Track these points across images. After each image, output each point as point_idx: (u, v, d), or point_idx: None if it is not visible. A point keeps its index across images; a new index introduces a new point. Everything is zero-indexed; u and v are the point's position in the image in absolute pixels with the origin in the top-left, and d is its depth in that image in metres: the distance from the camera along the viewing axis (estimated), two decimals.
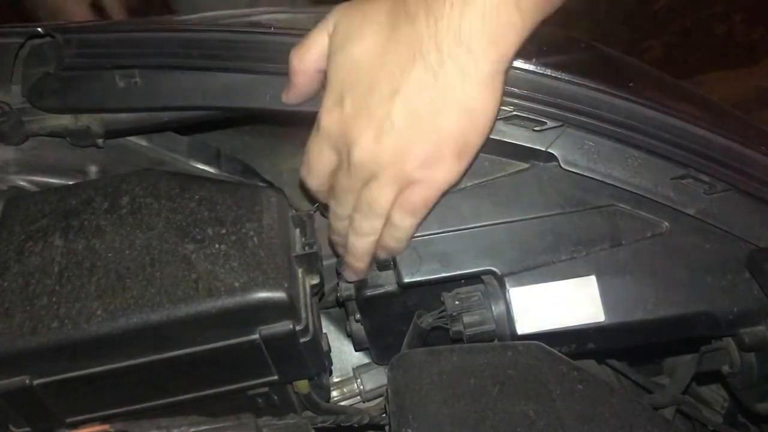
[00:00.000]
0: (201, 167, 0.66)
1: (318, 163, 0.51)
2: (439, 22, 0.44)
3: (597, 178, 0.53)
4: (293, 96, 0.53)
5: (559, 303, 0.52)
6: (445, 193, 0.49)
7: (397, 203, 0.49)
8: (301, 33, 0.53)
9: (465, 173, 0.49)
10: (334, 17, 0.49)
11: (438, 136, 0.46)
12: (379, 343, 0.61)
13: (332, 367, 0.63)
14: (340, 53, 0.48)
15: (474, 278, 0.54)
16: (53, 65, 0.57)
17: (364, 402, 0.66)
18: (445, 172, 0.47)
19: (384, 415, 0.54)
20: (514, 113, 0.53)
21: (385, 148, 0.46)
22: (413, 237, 0.53)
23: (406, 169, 0.47)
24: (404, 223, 0.50)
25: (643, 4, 2.32)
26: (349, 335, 0.63)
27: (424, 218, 0.51)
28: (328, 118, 0.48)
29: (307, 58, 0.51)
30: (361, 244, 0.51)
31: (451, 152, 0.47)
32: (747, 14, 2.33)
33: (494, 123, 0.48)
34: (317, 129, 0.50)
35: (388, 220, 0.50)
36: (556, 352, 0.50)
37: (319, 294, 0.54)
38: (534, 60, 0.55)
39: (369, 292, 0.56)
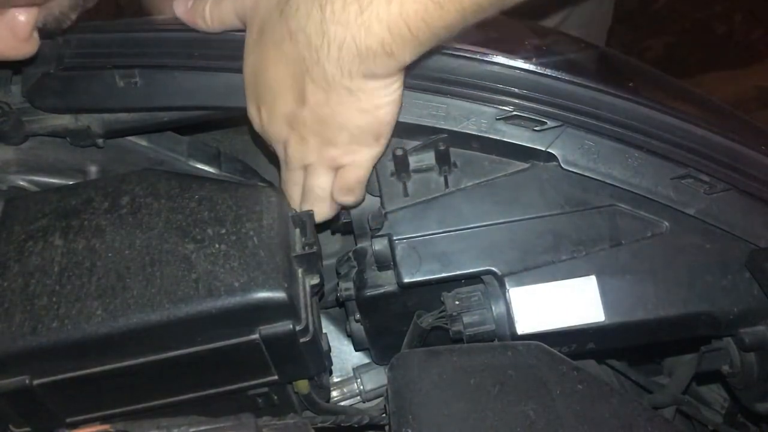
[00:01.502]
0: (201, 167, 0.66)
1: (269, 155, 0.58)
2: (319, 51, 0.47)
3: (597, 178, 0.53)
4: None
5: (559, 303, 0.52)
6: (372, 167, 0.54)
7: (336, 186, 0.55)
8: None
9: (387, 145, 0.53)
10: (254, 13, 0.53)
11: (350, 132, 0.51)
12: (379, 343, 0.61)
13: (332, 367, 0.63)
14: (249, 58, 0.53)
15: (474, 278, 0.54)
16: (53, 65, 0.57)
17: (364, 402, 0.66)
18: (366, 153, 0.53)
19: (384, 415, 0.54)
20: (514, 113, 0.54)
21: (311, 146, 0.52)
22: (414, 237, 0.53)
23: (333, 158, 0.53)
24: (347, 200, 0.56)
25: (643, 4, 2.32)
26: (349, 335, 0.63)
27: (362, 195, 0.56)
28: (255, 122, 0.55)
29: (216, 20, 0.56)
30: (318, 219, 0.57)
31: (366, 138, 0.52)
32: (747, 14, 2.33)
33: (400, 105, 0.51)
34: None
35: (332, 201, 0.56)
36: (556, 352, 0.50)
37: (319, 294, 0.54)
38: (534, 60, 0.55)
39: (369, 292, 0.56)
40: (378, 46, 0.45)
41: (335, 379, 0.67)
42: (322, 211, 0.56)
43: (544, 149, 0.53)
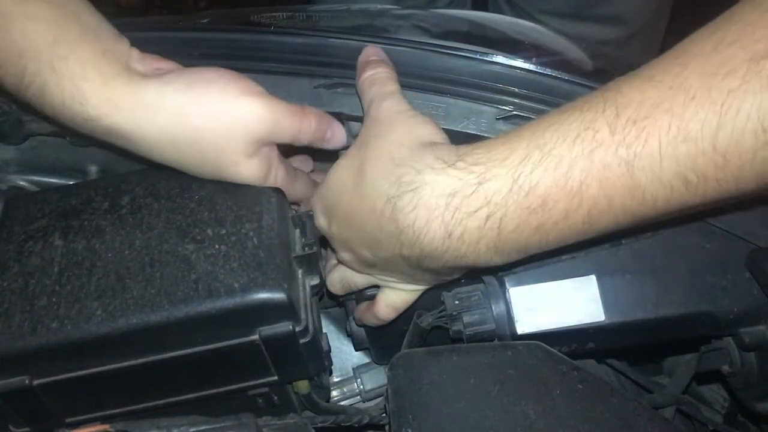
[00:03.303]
0: None
1: None
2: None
3: None
4: None
5: (559, 303, 0.52)
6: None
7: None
8: (300, 32, 0.53)
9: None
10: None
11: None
12: (379, 343, 0.61)
13: (332, 367, 0.63)
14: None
15: (474, 278, 0.54)
16: None
17: (364, 402, 0.66)
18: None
19: (384, 415, 0.54)
20: (514, 113, 0.53)
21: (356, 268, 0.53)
22: None
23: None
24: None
25: None
26: (349, 335, 0.63)
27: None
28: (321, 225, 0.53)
29: None
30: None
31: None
32: None
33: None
34: None
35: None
36: (556, 352, 0.50)
37: (319, 294, 0.54)
38: (534, 60, 0.55)
39: (369, 293, 0.56)
40: (500, 261, 0.44)
41: (335, 379, 0.67)
42: (340, 293, 0.57)
43: None
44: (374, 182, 0.45)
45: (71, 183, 0.59)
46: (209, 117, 0.47)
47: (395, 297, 0.53)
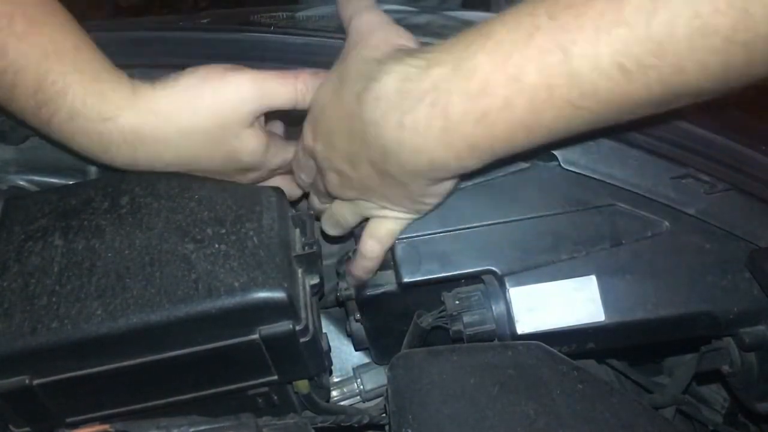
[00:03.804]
0: None
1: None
2: (387, 155, 0.45)
3: (597, 177, 0.53)
4: None
5: (559, 303, 0.52)
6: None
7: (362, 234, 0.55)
8: (300, 32, 0.53)
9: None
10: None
11: (390, 202, 0.51)
12: (379, 343, 0.61)
13: (332, 367, 0.63)
14: (322, 95, 0.51)
15: (474, 278, 0.54)
16: None
17: (364, 402, 0.66)
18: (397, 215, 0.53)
19: (384, 415, 0.54)
20: None
21: (347, 194, 0.52)
22: (414, 237, 0.53)
23: (365, 209, 0.53)
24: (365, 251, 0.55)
25: None
26: (349, 335, 0.63)
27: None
28: (307, 140, 0.53)
29: None
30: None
31: (403, 209, 0.52)
32: None
33: (446, 197, 0.51)
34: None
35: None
36: (556, 352, 0.50)
37: (319, 294, 0.54)
38: None
39: (369, 292, 0.56)
40: (454, 160, 0.44)
41: (335, 379, 0.67)
42: (333, 233, 0.57)
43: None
44: (349, 85, 0.46)
45: (71, 183, 0.59)
46: (203, 97, 0.49)
47: (378, 227, 0.53)
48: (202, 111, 0.49)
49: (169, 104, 0.49)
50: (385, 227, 0.53)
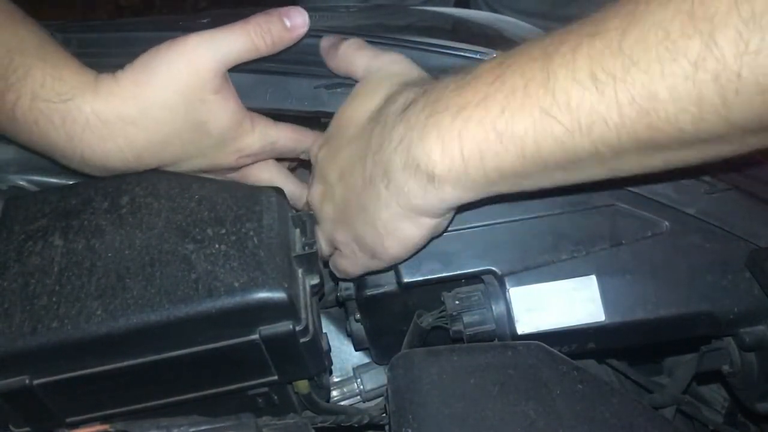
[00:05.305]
0: None
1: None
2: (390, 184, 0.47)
3: None
4: None
5: (559, 303, 0.52)
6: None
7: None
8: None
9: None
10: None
11: (359, 240, 0.52)
12: (379, 343, 0.61)
13: (332, 367, 0.63)
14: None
15: (474, 278, 0.54)
16: None
17: (364, 402, 0.66)
18: (362, 261, 0.53)
19: (384, 415, 0.54)
20: None
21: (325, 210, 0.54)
22: None
23: (334, 238, 0.54)
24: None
25: None
26: (349, 335, 0.63)
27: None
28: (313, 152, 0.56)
29: None
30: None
31: (369, 254, 0.52)
32: None
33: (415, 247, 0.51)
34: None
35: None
36: (556, 352, 0.50)
37: (319, 294, 0.54)
38: None
39: (369, 292, 0.56)
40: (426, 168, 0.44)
41: (335, 379, 0.67)
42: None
43: None
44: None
45: (71, 183, 0.59)
46: (159, 70, 0.49)
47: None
48: (159, 84, 0.49)
49: (127, 84, 0.49)
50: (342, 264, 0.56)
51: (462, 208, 0.49)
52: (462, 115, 0.42)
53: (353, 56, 0.54)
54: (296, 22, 0.53)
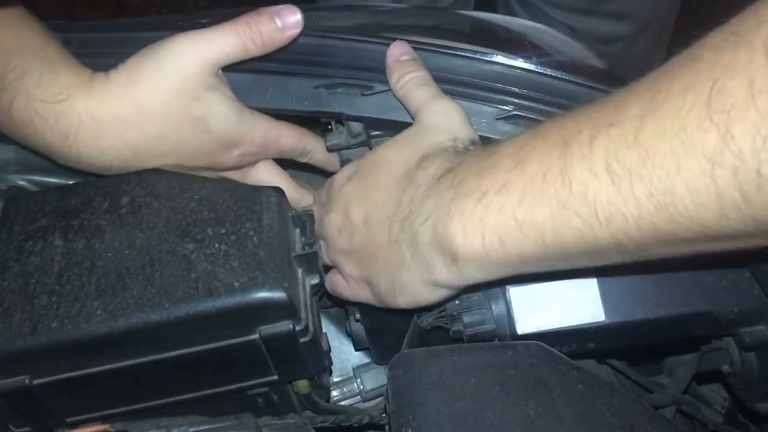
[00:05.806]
0: None
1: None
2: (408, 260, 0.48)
3: None
4: None
5: (559, 303, 0.52)
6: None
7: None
8: (300, 32, 0.53)
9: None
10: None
11: (372, 286, 0.52)
12: (379, 343, 0.61)
13: (332, 367, 0.63)
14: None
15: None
16: None
17: (364, 402, 0.66)
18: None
19: (384, 415, 0.54)
20: (514, 113, 0.53)
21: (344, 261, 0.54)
22: None
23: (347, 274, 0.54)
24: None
25: None
26: (349, 335, 0.63)
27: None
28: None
29: None
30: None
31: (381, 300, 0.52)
32: None
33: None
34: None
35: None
36: (556, 351, 0.50)
37: (319, 294, 0.54)
38: (534, 60, 0.55)
39: None
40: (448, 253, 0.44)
41: (335, 379, 0.67)
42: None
43: None
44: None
45: (71, 183, 0.59)
46: (151, 68, 0.49)
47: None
48: (150, 82, 0.49)
49: (120, 83, 0.49)
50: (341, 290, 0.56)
51: None
52: (483, 202, 0.42)
53: (413, 91, 0.53)
54: (288, 21, 0.52)
